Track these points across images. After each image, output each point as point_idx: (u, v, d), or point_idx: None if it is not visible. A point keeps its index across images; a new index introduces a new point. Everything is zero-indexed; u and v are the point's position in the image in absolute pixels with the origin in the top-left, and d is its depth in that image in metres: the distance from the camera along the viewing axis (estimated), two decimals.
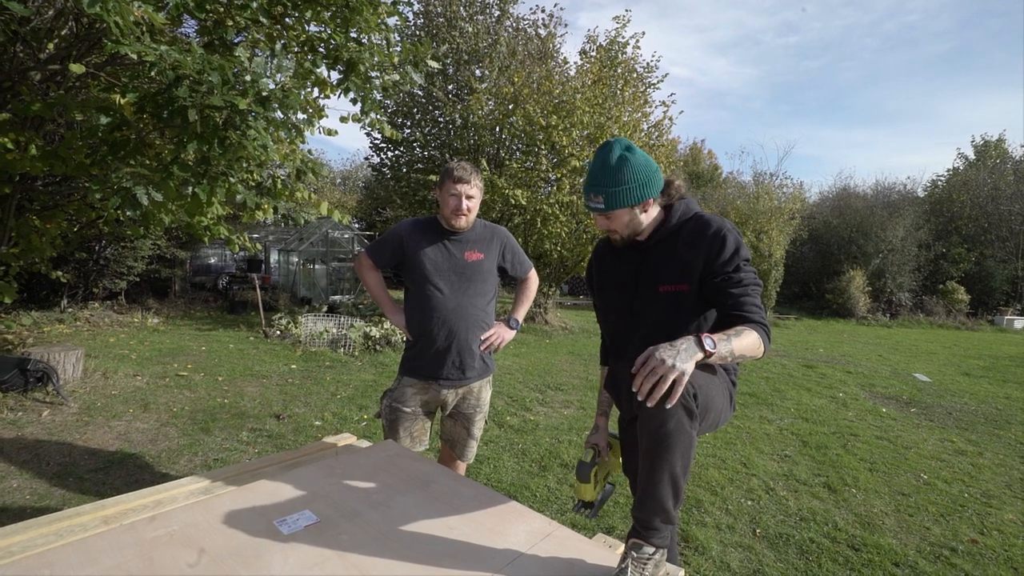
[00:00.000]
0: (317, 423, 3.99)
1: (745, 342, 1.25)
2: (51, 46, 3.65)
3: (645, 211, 1.41)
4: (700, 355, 1.13)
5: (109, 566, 1.11)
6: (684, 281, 1.36)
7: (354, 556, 1.19)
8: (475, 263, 2.04)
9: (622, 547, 1.37)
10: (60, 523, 1.31)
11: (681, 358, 1.09)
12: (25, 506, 2.59)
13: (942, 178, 19.18)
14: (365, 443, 2.08)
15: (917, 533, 2.77)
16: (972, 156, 19.29)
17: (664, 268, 1.40)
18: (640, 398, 1.10)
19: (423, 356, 2.04)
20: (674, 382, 1.07)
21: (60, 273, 5.65)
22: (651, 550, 1.19)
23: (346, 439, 2.10)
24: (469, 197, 1.96)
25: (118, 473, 3.01)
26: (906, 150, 57.90)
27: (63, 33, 3.81)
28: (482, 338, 2.08)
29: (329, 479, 1.58)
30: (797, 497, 3.12)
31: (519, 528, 1.36)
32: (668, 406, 1.09)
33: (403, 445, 2.03)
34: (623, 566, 1.15)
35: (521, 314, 2.26)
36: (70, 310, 7.92)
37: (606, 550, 1.33)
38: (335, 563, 1.16)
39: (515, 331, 2.21)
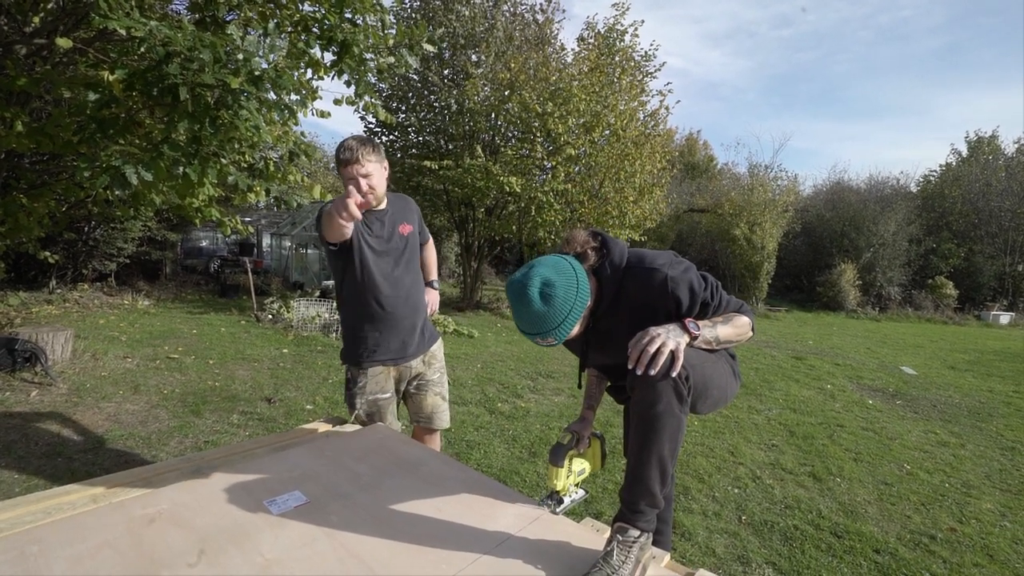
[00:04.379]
0: (308, 407, 4.00)
1: (730, 329, 1.31)
2: (37, 20, 3.55)
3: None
4: (686, 338, 1.20)
5: (98, 543, 1.11)
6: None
7: (343, 536, 1.20)
8: (411, 235, 2.06)
9: (609, 531, 1.39)
10: (48, 501, 1.31)
11: (671, 336, 1.17)
12: (13, 485, 2.58)
13: (934, 173, 19.30)
14: (356, 427, 2.09)
15: (898, 521, 2.83)
16: (965, 152, 19.40)
17: (617, 332, 1.35)
18: (631, 365, 1.15)
19: (388, 339, 2.00)
20: (659, 351, 1.14)
21: (48, 254, 5.57)
22: (636, 533, 1.21)
23: (337, 422, 2.10)
24: (365, 175, 1.81)
25: (107, 454, 3.00)
26: (899, 144, 58.14)
27: (49, 7, 3.72)
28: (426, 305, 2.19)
29: (319, 461, 1.59)
30: (783, 485, 3.18)
31: (508, 511, 1.38)
32: (652, 372, 1.12)
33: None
34: (609, 549, 1.17)
35: (435, 275, 2.41)
36: (59, 291, 7.83)
37: (593, 534, 1.35)
38: (324, 542, 1.17)
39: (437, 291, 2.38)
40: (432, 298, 2.28)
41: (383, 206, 1.99)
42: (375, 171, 1.85)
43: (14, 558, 1.05)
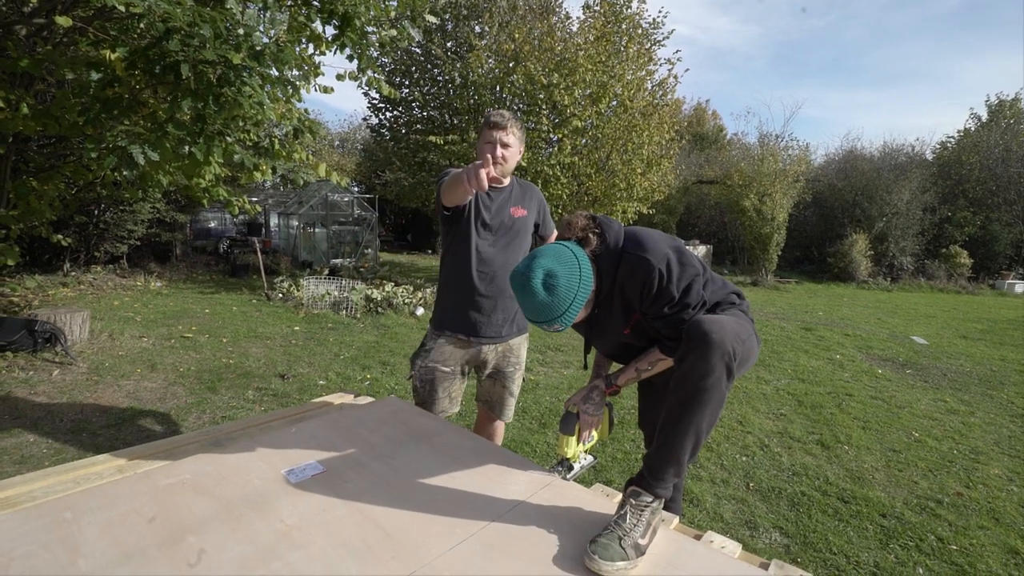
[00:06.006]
0: (321, 382, 4.07)
1: (656, 370, 1.46)
2: None
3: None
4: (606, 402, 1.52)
5: (126, 510, 1.16)
6: (634, 312, 1.37)
7: (359, 503, 1.24)
8: (520, 219, 1.99)
9: (619, 496, 1.42)
10: (77, 471, 1.36)
11: (595, 411, 1.50)
12: (43, 459, 2.68)
13: (951, 139, 18.77)
14: (369, 399, 2.13)
15: (905, 487, 2.86)
16: (985, 116, 18.80)
17: (615, 316, 1.40)
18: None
19: (465, 311, 1.96)
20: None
21: (61, 237, 5.63)
22: (650, 499, 1.22)
23: (350, 396, 2.15)
24: (505, 145, 1.86)
25: (129, 429, 3.09)
26: (916, 111, 56.48)
27: None
28: None
29: (335, 432, 1.63)
30: (791, 453, 3.21)
31: (519, 478, 1.41)
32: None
33: (441, 407, 1.99)
34: (622, 512, 1.19)
35: None
36: (73, 274, 7.95)
37: (603, 498, 1.38)
38: (341, 509, 1.21)
39: None
40: None
41: (505, 183, 1.99)
42: (514, 145, 1.90)
43: (49, 523, 1.10)
